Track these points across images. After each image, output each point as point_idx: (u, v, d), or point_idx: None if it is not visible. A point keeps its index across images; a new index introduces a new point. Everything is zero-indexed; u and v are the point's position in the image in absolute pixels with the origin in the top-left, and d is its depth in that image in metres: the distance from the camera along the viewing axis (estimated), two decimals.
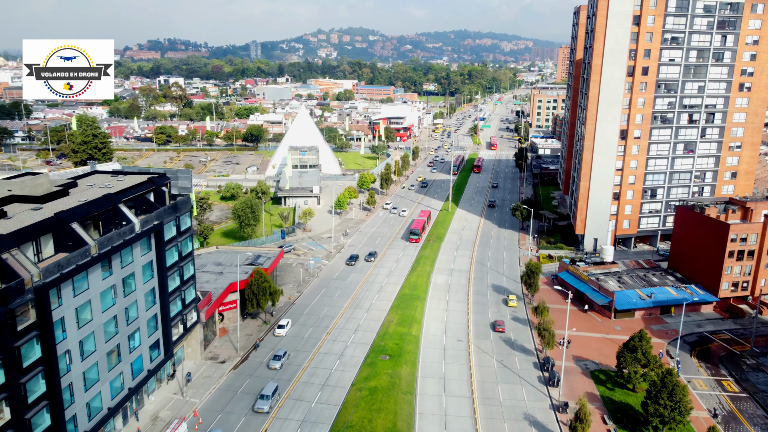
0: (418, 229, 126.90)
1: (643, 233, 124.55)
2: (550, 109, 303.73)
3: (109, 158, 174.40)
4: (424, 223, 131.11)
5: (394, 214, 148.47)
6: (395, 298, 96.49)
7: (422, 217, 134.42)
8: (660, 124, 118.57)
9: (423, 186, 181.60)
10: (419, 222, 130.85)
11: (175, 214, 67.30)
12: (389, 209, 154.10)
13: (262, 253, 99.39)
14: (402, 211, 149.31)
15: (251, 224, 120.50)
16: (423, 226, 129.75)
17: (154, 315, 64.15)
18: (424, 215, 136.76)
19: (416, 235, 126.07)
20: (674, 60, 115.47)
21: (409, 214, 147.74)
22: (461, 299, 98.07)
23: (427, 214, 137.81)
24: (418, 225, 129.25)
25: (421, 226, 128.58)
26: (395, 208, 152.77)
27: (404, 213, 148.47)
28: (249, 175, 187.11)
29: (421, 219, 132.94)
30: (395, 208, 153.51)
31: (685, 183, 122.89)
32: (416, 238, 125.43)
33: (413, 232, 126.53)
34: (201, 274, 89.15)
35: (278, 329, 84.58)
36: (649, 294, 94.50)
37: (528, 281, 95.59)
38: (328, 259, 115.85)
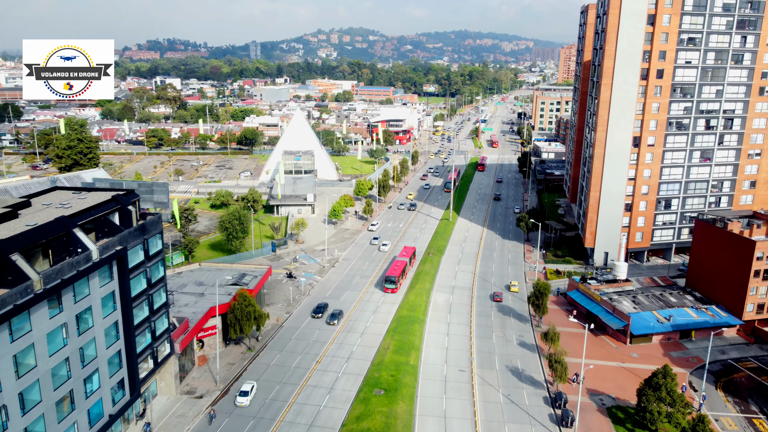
0: (396, 276, 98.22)
1: (657, 246, 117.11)
2: (554, 112, 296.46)
3: (95, 164, 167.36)
4: (404, 265, 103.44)
5: (375, 246, 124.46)
6: (392, 320, 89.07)
7: (403, 257, 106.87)
8: (675, 130, 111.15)
9: (411, 208, 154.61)
10: (398, 264, 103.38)
11: (143, 236, 59.90)
12: (373, 235, 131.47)
13: (248, 271, 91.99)
14: (383, 244, 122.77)
15: (239, 237, 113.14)
16: (403, 270, 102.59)
17: (117, 352, 56.76)
18: (407, 254, 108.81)
19: (393, 283, 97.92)
20: (691, 62, 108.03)
21: (391, 249, 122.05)
22: (463, 321, 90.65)
23: (411, 252, 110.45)
24: (396, 269, 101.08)
25: (399, 271, 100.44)
26: (376, 239, 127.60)
27: (385, 247, 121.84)
28: (242, 181, 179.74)
29: (401, 260, 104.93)
30: (376, 238, 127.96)
31: (701, 193, 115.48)
32: (393, 288, 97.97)
33: (389, 280, 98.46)
34: (180, 296, 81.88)
35: (240, 397, 66.76)
36: (667, 316, 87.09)
37: (536, 302, 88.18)
38: (321, 274, 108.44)
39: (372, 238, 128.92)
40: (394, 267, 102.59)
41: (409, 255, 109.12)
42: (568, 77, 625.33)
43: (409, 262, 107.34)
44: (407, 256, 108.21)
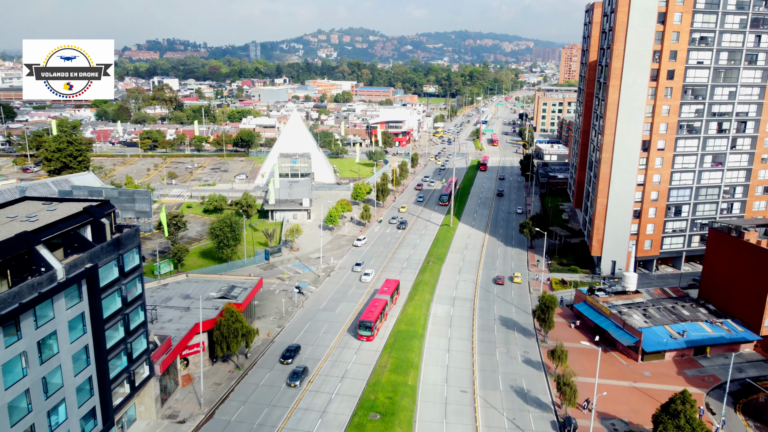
0: (371, 320, 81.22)
1: (666, 255, 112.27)
2: (555, 113, 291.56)
3: (85, 167, 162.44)
4: (384, 305, 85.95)
5: (356, 275, 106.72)
6: (389, 334, 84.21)
7: (383, 294, 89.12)
8: (686, 133, 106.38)
9: (401, 226, 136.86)
10: (376, 304, 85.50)
11: (118, 251, 55.13)
12: (356, 257, 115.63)
13: (238, 283, 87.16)
14: (365, 274, 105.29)
15: (231, 245, 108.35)
16: (382, 310, 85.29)
17: (87, 378, 52.00)
18: (388, 289, 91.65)
19: (368, 329, 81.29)
20: (703, 62, 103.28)
21: (375, 279, 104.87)
22: (465, 336, 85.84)
23: (393, 287, 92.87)
24: (372, 311, 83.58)
25: (377, 313, 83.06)
26: (359, 265, 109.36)
27: (368, 277, 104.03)
28: (236, 184, 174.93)
29: (381, 298, 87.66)
30: (359, 264, 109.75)
31: (712, 199, 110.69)
32: (369, 336, 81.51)
33: (364, 326, 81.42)
34: (164, 311, 77.15)
35: None
36: (680, 332, 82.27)
37: (541, 317, 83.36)
38: (316, 284, 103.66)
39: (354, 263, 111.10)
40: (371, 308, 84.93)
41: (391, 290, 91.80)
42: (569, 78, 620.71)
43: (390, 299, 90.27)
44: (388, 293, 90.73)
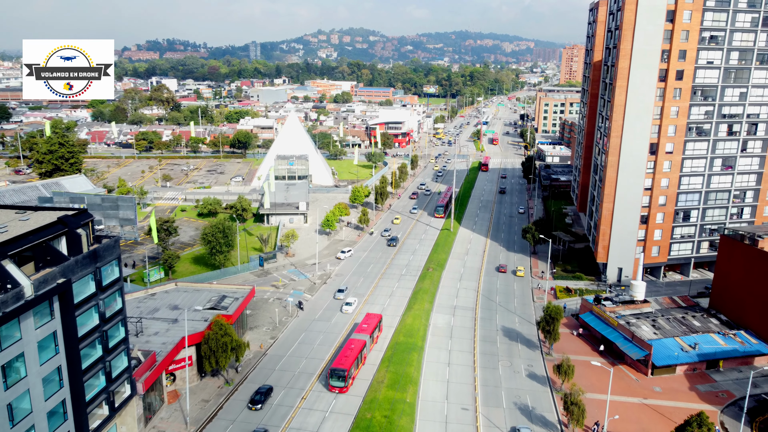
0: (345, 369, 68.40)
1: (674, 261, 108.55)
2: (557, 113, 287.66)
3: (77, 169, 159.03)
4: (362, 347, 73.87)
5: (338, 303, 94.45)
6: (387, 347, 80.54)
7: (361, 334, 77.09)
8: (695, 136, 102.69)
9: (391, 243, 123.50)
10: (352, 347, 73.22)
11: (95, 264, 51.44)
12: (339, 282, 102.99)
13: (229, 293, 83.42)
14: (347, 303, 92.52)
15: (223, 251, 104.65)
16: (359, 354, 72.79)
17: (60, 402, 48.31)
18: (368, 326, 79.47)
19: (341, 379, 68.35)
20: (713, 62, 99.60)
21: (359, 308, 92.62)
22: (466, 348, 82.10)
23: (374, 324, 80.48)
24: (346, 356, 70.97)
25: (352, 358, 70.38)
26: (341, 291, 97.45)
27: (349, 306, 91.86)
28: (232, 187, 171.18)
29: (359, 338, 75.82)
30: (341, 290, 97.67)
31: (722, 204, 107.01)
32: (342, 387, 68.58)
33: (336, 375, 68.61)
34: (150, 323, 73.46)
35: None
36: (692, 344, 78.55)
37: (546, 328, 79.64)
38: (312, 292, 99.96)
39: (336, 290, 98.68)
40: (345, 353, 71.99)
41: (371, 327, 79.33)
42: (570, 78, 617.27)
43: (370, 338, 77.92)
44: (368, 330, 78.33)
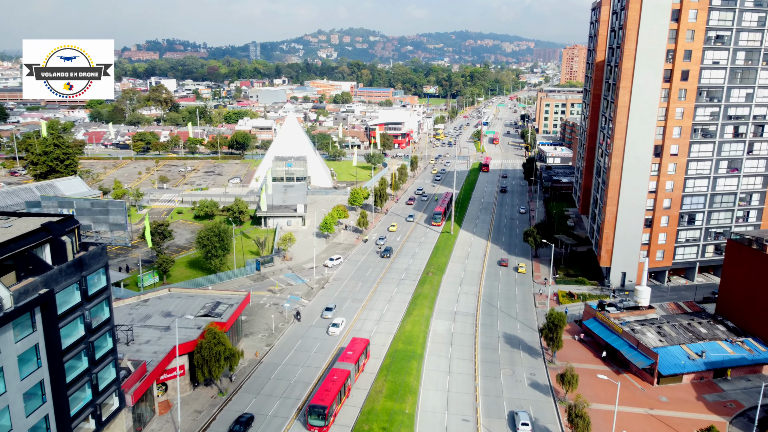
0: (325, 405, 61.36)
1: (679, 265, 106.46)
2: (558, 114, 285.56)
3: (72, 171, 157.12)
4: (345, 377, 65.96)
5: (324, 324, 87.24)
6: (385, 354, 78.48)
7: (346, 363, 68.49)
8: (700, 138, 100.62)
9: (385, 255, 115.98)
10: (334, 380, 65.16)
11: (80, 273, 49.40)
12: (328, 298, 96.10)
13: (224, 299, 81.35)
14: (333, 324, 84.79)
15: (219, 255, 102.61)
16: (342, 387, 65.22)
17: (43, 417, 46.24)
18: (354, 353, 70.87)
19: (321, 418, 61.18)
20: (719, 62, 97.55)
21: (348, 328, 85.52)
22: (467, 356, 80.00)
23: (360, 349, 72.11)
24: (326, 391, 63.47)
25: (333, 395, 62.85)
26: (329, 310, 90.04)
27: (336, 328, 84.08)
28: (230, 188, 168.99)
29: (342, 368, 67.20)
30: (329, 309, 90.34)
31: (728, 207, 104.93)
32: (322, 426, 61.34)
33: (315, 412, 61.29)
34: (142, 331, 71.40)
35: None
36: (699, 352, 76.42)
37: (549, 335, 77.52)
38: (309, 297, 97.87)
39: (324, 308, 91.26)
40: (327, 386, 64.21)
41: (356, 355, 70.62)
42: (570, 78, 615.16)
43: (356, 367, 69.64)
44: (353, 358, 69.77)
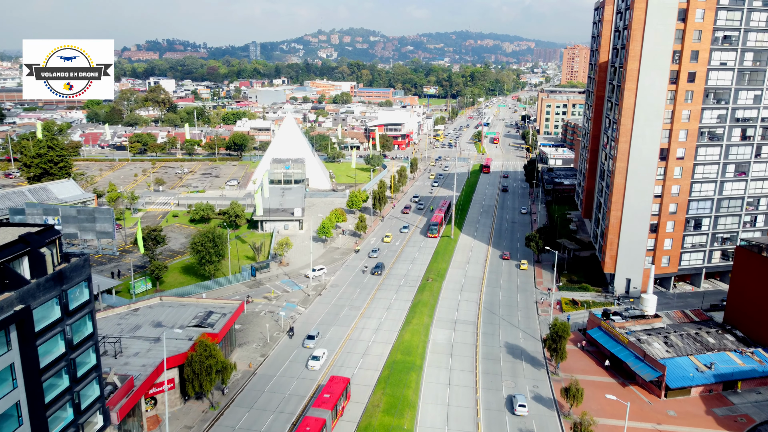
0: None
1: (685, 272, 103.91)
2: (560, 115, 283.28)
3: (66, 173, 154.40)
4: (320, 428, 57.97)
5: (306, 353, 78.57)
6: (383, 366, 75.99)
7: (321, 409, 60.64)
8: (707, 141, 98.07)
9: (375, 272, 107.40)
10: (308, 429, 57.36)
11: (61, 287, 46.89)
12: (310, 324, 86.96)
13: (217, 308, 78.82)
14: (313, 357, 75.76)
15: (213, 261, 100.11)
16: None
17: None
18: (331, 396, 62.65)
19: None
20: (726, 64, 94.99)
21: (331, 362, 76.88)
22: (468, 367, 77.43)
23: (339, 391, 64.08)
24: None
25: None
26: (311, 338, 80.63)
27: (317, 361, 75.13)
28: (227, 191, 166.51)
29: (315, 418, 59.05)
30: (311, 337, 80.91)
31: (735, 211, 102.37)
32: None
33: None
34: (131, 342, 68.88)
35: None
36: (707, 364, 73.89)
37: (553, 346, 74.98)
38: (305, 304, 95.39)
39: (306, 336, 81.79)
40: None
41: (334, 398, 62.85)
42: (571, 78, 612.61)
43: (333, 413, 61.71)
44: (330, 403, 61.88)
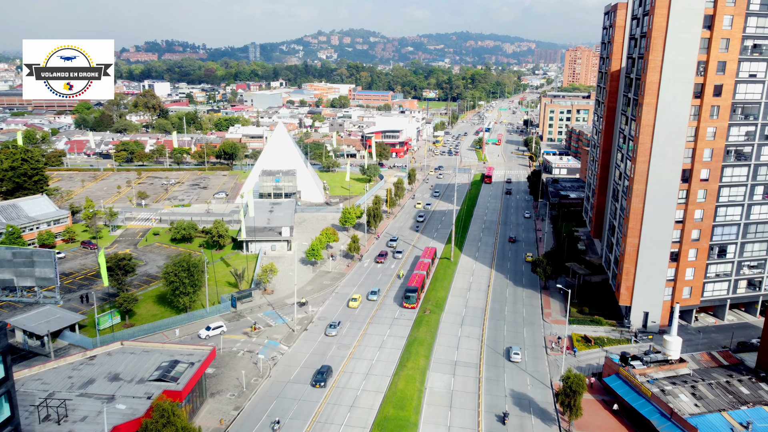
0: None
1: (708, 303, 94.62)
2: (564, 121, 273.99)
3: (41, 188, 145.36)
4: None
5: None
6: (373, 423, 66.68)
7: None
8: (734, 160, 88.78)
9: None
10: None
11: None
12: None
13: (184, 355, 69.42)
14: None
15: (188, 291, 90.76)
16: None
17: None
18: None
19: None
20: (756, 75, 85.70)
21: None
22: (469, 423, 67.95)
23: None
24: None
25: None
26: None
27: None
28: (213, 205, 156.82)
29: None
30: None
31: (763, 237, 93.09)
32: None
33: None
34: (80, 402, 59.65)
35: None
36: (744, 422, 64.39)
37: (566, 401, 65.68)
38: (289, 342, 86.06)
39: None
40: None
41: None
42: (573, 80, 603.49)
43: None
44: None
